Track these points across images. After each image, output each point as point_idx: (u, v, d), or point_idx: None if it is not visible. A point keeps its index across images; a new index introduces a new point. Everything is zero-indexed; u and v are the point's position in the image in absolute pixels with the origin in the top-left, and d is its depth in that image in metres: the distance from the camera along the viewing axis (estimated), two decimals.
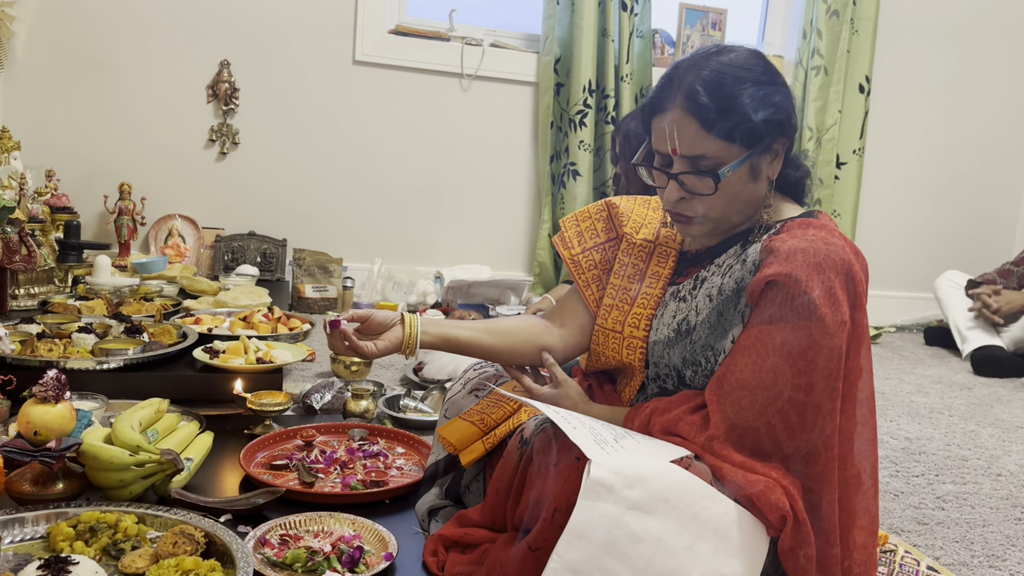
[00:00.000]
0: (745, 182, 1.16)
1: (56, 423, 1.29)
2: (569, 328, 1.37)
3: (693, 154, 1.13)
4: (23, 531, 1.19)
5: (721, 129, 1.11)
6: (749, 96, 1.12)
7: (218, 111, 3.40)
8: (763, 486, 1.02)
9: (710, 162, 1.13)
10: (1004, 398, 2.78)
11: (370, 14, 3.46)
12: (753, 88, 1.12)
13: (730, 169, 1.13)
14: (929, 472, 1.95)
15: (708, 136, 1.12)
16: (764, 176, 1.17)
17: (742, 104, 1.11)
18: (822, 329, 1.04)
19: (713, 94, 1.12)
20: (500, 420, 1.33)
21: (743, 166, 1.14)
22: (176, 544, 1.11)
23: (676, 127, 1.14)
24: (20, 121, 3.12)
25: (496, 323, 1.36)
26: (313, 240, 3.49)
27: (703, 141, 1.12)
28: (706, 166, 1.13)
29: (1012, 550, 1.56)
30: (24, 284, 2.48)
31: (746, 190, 1.17)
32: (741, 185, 1.15)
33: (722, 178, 1.13)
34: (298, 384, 2.14)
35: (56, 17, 3.21)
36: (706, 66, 1.14)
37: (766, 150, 1.15)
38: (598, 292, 1.36)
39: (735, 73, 1.13)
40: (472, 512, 1.23)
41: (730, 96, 1.11)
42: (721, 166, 1.13)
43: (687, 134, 1.13)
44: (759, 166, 1.16)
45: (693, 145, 1.13)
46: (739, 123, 1.11)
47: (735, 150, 1.13)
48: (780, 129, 1.15)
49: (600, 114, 3.63)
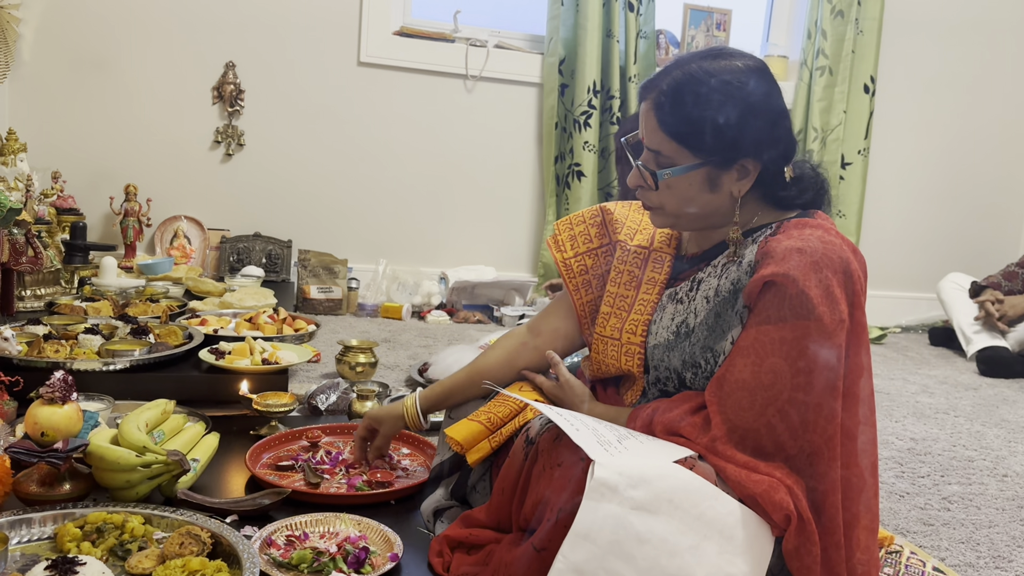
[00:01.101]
0: (699, 190, 1.17)
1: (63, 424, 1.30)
2: (544, 336, 1.43)
3: (653, 148, 1.18)
4: (30, 531, 1.19)
5: (673, 131, 1.15)
6: (714, 108, 1.12)
7: (223, 113, 3.41)
8: (767, 486, 1.02)
9: (665, 160, 1.17)
10: (1010, 399, 2.78)
11: (375, 15, 3.47)
12: (723, 102, 1.12)
13: (672, 173, 1.16)
14: (935, 473, 1.95)
15: (662, 134, 1.16)
16: (726, 190, 1.17)
17: (701, 114, 1.12)
18: (820, 328, 1.04)
19: (676, 96, 1.14)
20: (506, 419, 1.33)
21: (694, 173, 1.15)
22: (182, 545, 1.11)
23: (644, 117, 1.19)
24: (27, 123, 3.14)
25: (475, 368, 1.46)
26: (318, 241, 3.50)
27: (658, 138, 1.17)
28: (663, 163, 1.17)
29: (1018, 551, 1.55)
30: (30, 285, 2.49)
31: (701, 198, 1.17)
32: (694, 191, 1.17)
33: (660, 178, 1.17)
34: (303, 385, 2.14)
35: (62, 19, 3.22)
36: (688, 68, 1.15)
37: (725, 164, 1.15)
38: (586, 296, 1.37)
39: (710, 82, 1.13)
40: (477, 512, 1.24)
41: (693, 103, 1.13)
42: (671, 166, 1.16)
43: (649, 128, 1.18)
44: (717, 179, 1.16)
45: (651, 139, 1.18)
46: (693, 131, 1.13)
47: (686, 155, 1.15)
48: (752, 148, 1.14)
49: (605, 115, 3.63)
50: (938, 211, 4.17)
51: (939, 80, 4.06)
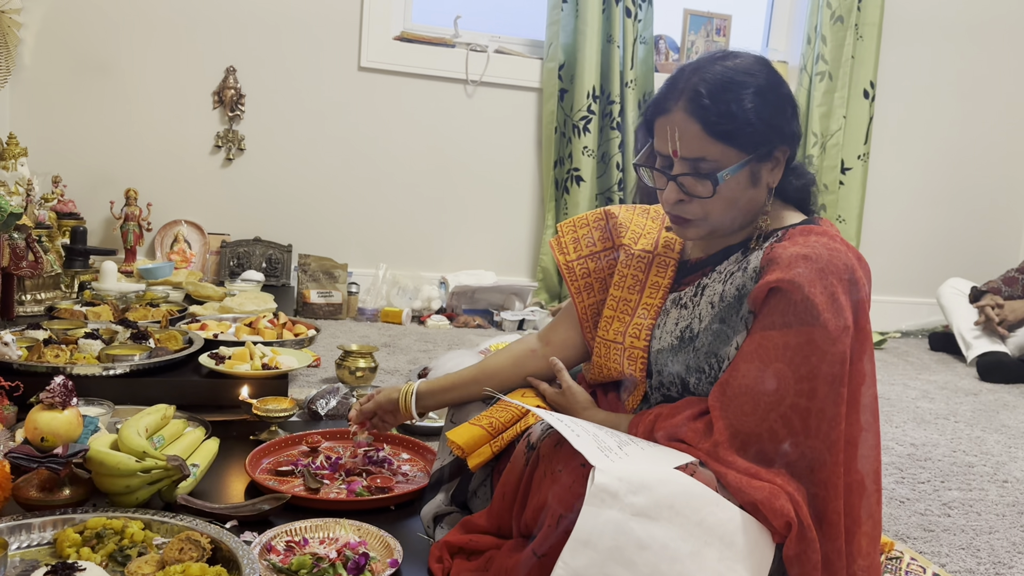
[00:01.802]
0: (744, 187, 1.16)
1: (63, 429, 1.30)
2: (553, 345, 1.42)
3: (693, 156, 1.14)
4: (30, 537, 1.19)
5: (722, 132, 1.12)
6: (751, 101, 1.12)
7: (224, 117, 3.42)
8: (768, 492, 1.02)
9: (709, 165, 1.14)
10: (1010, 404, 2.78)
11: (375, 21, 3.47)
12: (756, 94, 1.13)
13: (729, 173, 1.14)
14: (935, 478, 1.95)
15: (709, 139, 1.13)
16: (764, 183, 1.18)
17: (744, 108, 1.12)
18: (825, 335, 1.04)
19: (716, 97, 1.12)
20: (508, 424, 1.33)
21: (742, 171, 1.15)
22: (182, 550, 1.11)
23: (678, 128, 1.14)
24: (27, 127, 3.14)
25: (482, 368, 1.45)
26: (318, 246, 3.50)
27: (704, 143, 1.13)
28: (706, 169, 1.14)
29: (1019, 557, 1.55)
30: (31, 290, 2.49)
31: (745, 196, 1.17)
32: (740, 190, 1.16)
33: (720, 181, 1.14)
34: (303, 390, 2.14)
35: (63, 24, 3.22)
36: (711, 69, 1.15)
37: (766, 156, 1.16)
38: (588, 299, 1.37)
39: (739, 78, 1.14)
40: (478, 517, 1.23)
41: (732, 100, 1.12)
42: (720, 169, 1.13)
43: (688, 136, 1.14)
44: (759, 172, 1.16)
45: (693, 147, 1.14)
46: (740, 127, 1.12)
47: (735, 154, 1.14)
48: (781, 136, 1.16)
49: (604, 120, 3.63)
50: (938, 216, 4.17)
51: (939, 85, 4.06)
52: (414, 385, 1.48)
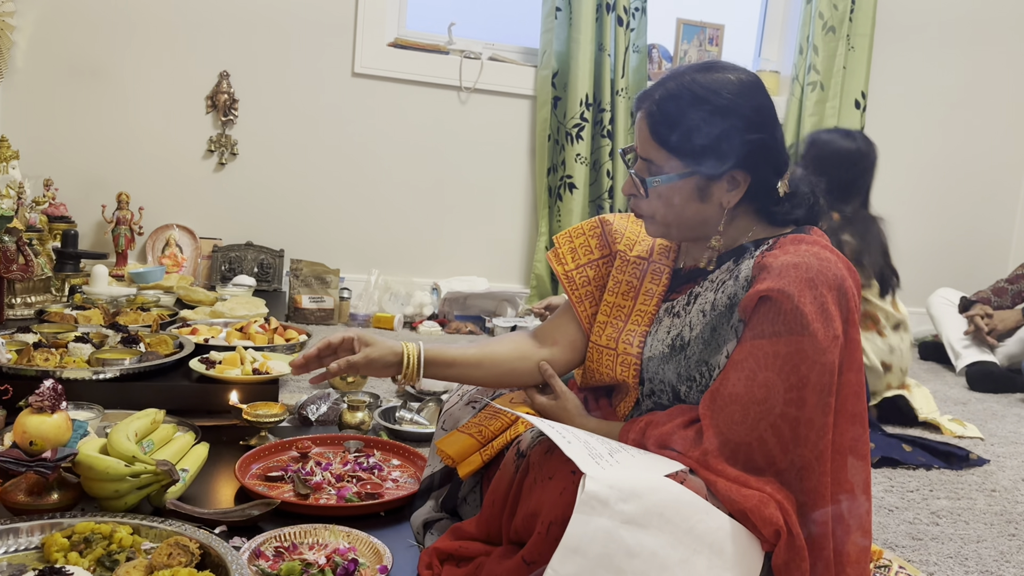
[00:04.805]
0: (688, 199, 1.18)
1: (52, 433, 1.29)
2: (560, 346, 1.37)
3: (645, 156, 1.20)
4: (17, 541, 1.18)
5: (663, 139, 1.17)
6: (704, 118, 1.14)
7: (217, 122, 3.41)
8: (757, 500, 1.02)
9: (656, 168, 1.19)
10: (998, 413, 2.79)
11: (369, 27, 3.48)
12: (713, 112, 1.14)
13: (662, 180, 1.18)
14: (923, 487, 1.96)
15: (653, 143, 1.19)
16: (716, 201, 1.19)
17: (693, 124, 1.15)
18: (815, 344, 1.04)
19: (666, 106, 1.17)
20: (497, 432, 1.33)
21: (684, 182, 1.18)
22: (171, 555, 1.11)
23: (638, 127, 1.22)
24: (19, 130, 3.13)
25: (486, 352, 1.36)
26: (310, 251, 3.49)
27: (649, 146, 1.19)
28: (653, 171, 1.19)
29: (1006, 566, 1.56)
30: (21, 293, 2.48)
31: (690, 207, 1.19)
32: (683, 200, 1.19)
33: (649, 185, 1.19)
34: (294, 395, 2.14)
35: (56, 27, 3.22)
36: (683, 79, 1.18)
37: (714, 175, 1.17)
38: (591, 308, 1.36)
39: (701, 92, 1.16)
40: (467, 524, 1.23)
41: (680, 112, 1.16)
42: (662, 175, 1.18)
43: (641, 136, 1.21)
44: (708, 189, 1.18)
45: (644, 148, 1.21)
46: (682, 139, 1.16)
47: (677, 164, 1.17)
48: (737, 160, 1.15)
49: (596, 128, 3.64)
50: (928, 226, 4.19)
51: (929, 96, 4.09)
52: (421, 346, 1.31)
